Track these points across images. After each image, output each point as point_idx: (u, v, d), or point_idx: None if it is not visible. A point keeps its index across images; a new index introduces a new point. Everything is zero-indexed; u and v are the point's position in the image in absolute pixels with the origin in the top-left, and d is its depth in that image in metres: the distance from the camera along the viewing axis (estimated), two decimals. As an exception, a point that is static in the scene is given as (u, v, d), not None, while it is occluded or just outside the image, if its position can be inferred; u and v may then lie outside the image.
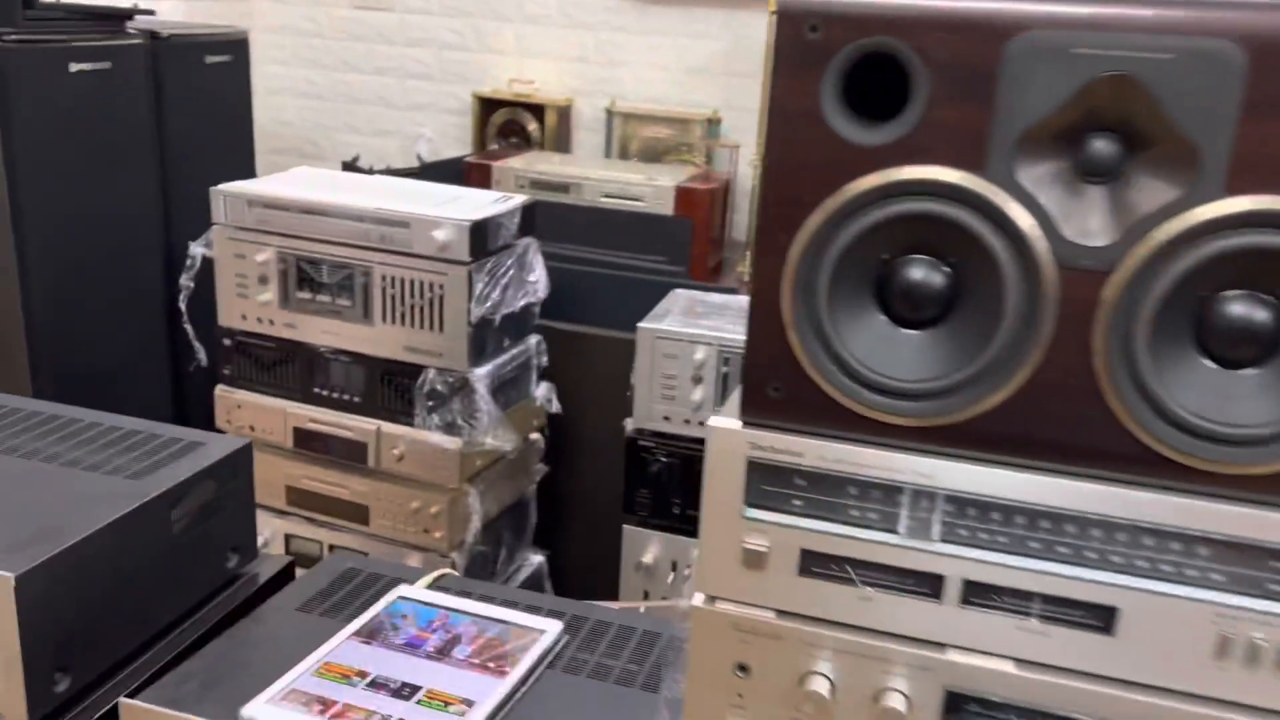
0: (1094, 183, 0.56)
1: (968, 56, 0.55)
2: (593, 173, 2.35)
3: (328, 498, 1.59)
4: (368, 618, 0.94)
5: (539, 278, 1.59)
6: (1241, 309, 0.55)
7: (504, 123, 2.77)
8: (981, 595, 0.61)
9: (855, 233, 0.59)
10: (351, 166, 2.47)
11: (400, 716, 0.80)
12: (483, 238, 1.46)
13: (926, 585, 0.62)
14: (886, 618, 0.63)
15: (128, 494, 0.90)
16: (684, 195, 2.27)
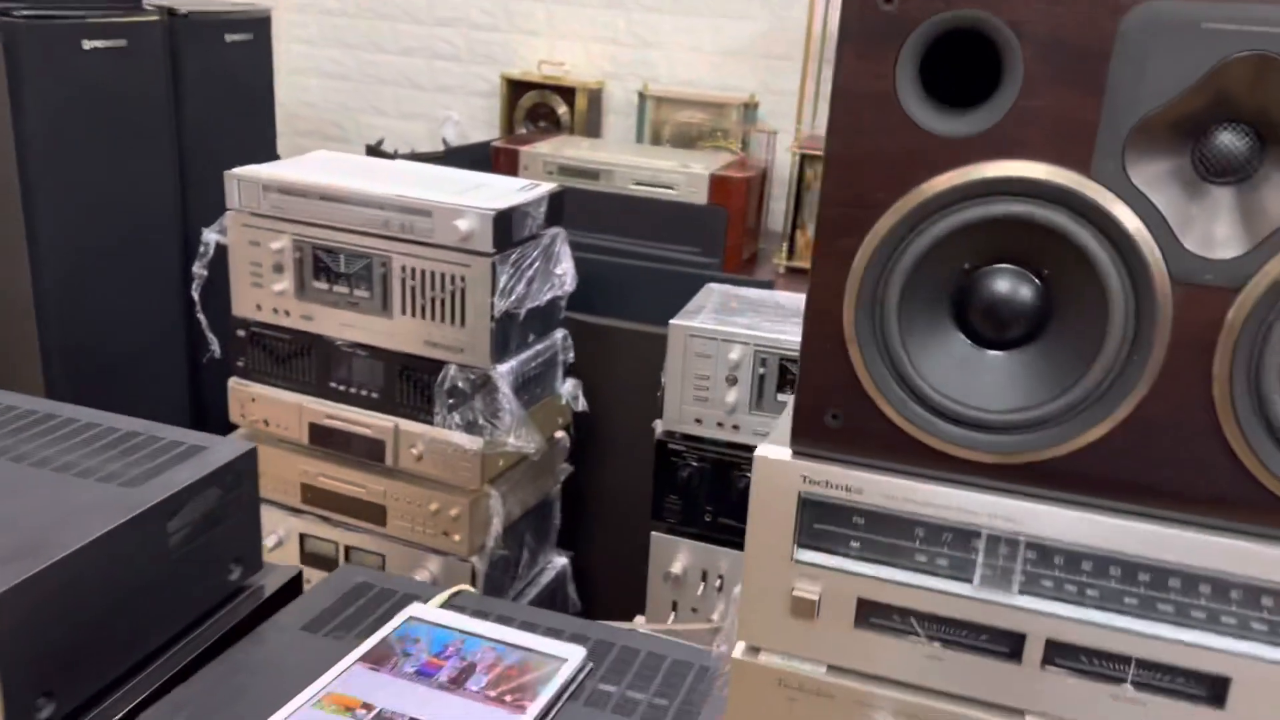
0: (1220, 183, 0.48)
1: (1074, 32, 0.47)
2: (624, 159, 2.27)
3: (344, 497, 1.54)
4: (376, 640, 0.87)
5: (566, 270, 1.51)
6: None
7: (533, 106, 2.70)
8: (1067, 657, 0.54)
9: (932, 238, 0.51)
10: (376, 150, 2.41)
11: (407, 757, 0.74)
12: (507, 228, 1.39)
13: (1003, 643, 0.55)
14: (956, 678, 0.56)
15: (122, 504, 0.84)
16: (719, 183, 2.19)
